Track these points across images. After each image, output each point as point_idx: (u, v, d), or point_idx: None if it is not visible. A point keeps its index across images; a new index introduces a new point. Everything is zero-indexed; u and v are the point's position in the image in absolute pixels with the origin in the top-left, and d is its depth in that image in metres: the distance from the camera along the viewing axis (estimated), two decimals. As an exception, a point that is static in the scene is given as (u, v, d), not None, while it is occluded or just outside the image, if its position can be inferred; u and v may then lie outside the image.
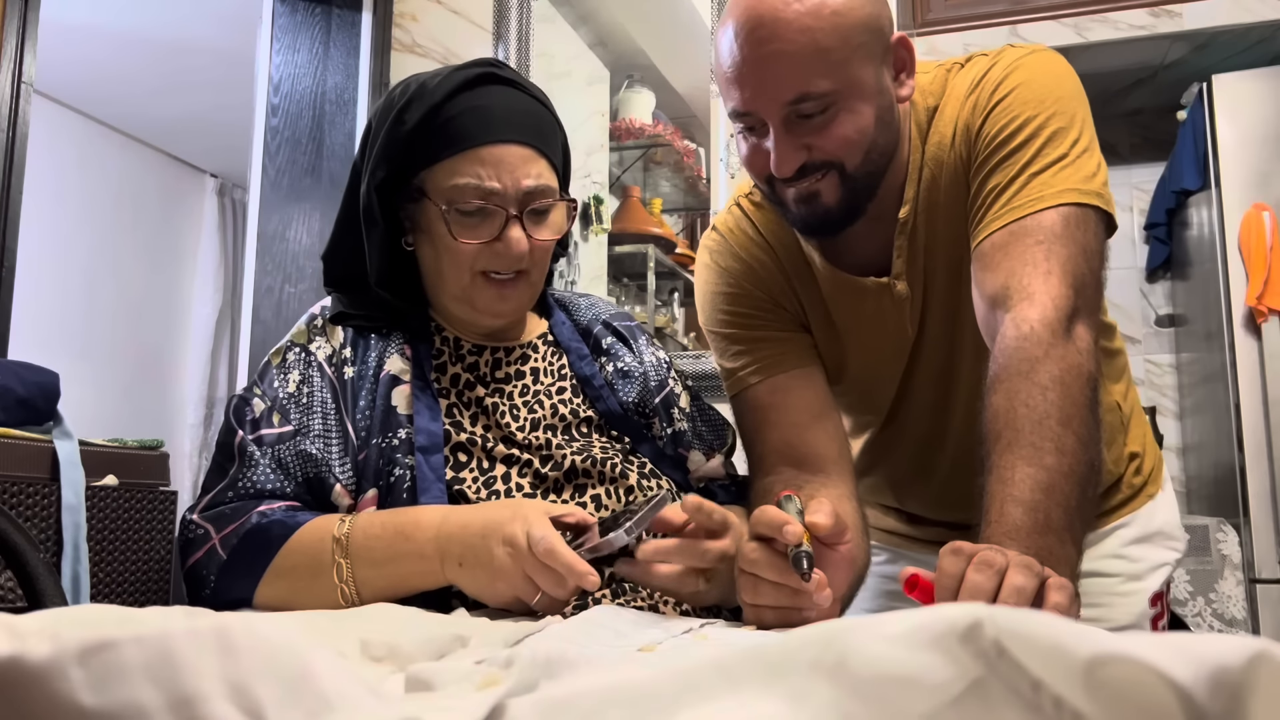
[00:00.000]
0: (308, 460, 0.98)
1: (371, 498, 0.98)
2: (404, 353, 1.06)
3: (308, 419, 1.00)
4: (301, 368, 1.04)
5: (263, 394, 1.03)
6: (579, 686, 0.38)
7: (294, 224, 2.72)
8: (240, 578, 0.92)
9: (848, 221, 1.02)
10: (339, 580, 0.89)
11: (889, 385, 1.15)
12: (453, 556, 0.87)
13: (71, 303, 4.48)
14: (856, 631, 0.35)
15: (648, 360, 1.17)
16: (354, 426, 1.01)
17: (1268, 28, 2.68)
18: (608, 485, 1.02)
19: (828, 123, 0.95)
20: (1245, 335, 2.65)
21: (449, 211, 1.01)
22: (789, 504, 0.83)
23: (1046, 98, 0.99)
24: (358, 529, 0.91)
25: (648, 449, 1.11)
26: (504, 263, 1.03)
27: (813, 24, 0.92)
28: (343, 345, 1.06)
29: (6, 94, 1.96)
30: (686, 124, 4.05)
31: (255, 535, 0.92)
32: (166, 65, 4.13)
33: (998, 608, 0.33)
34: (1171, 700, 0.29)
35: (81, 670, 0.30)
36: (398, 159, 1.03)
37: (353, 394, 1.03)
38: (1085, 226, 0.94)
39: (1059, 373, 0.85)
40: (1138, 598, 1.16)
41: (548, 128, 1.07)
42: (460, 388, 1.07)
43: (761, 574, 0.80)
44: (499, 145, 1.01)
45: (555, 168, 1.06)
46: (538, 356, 1.13)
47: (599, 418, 1.10)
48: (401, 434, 1.00)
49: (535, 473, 1.02)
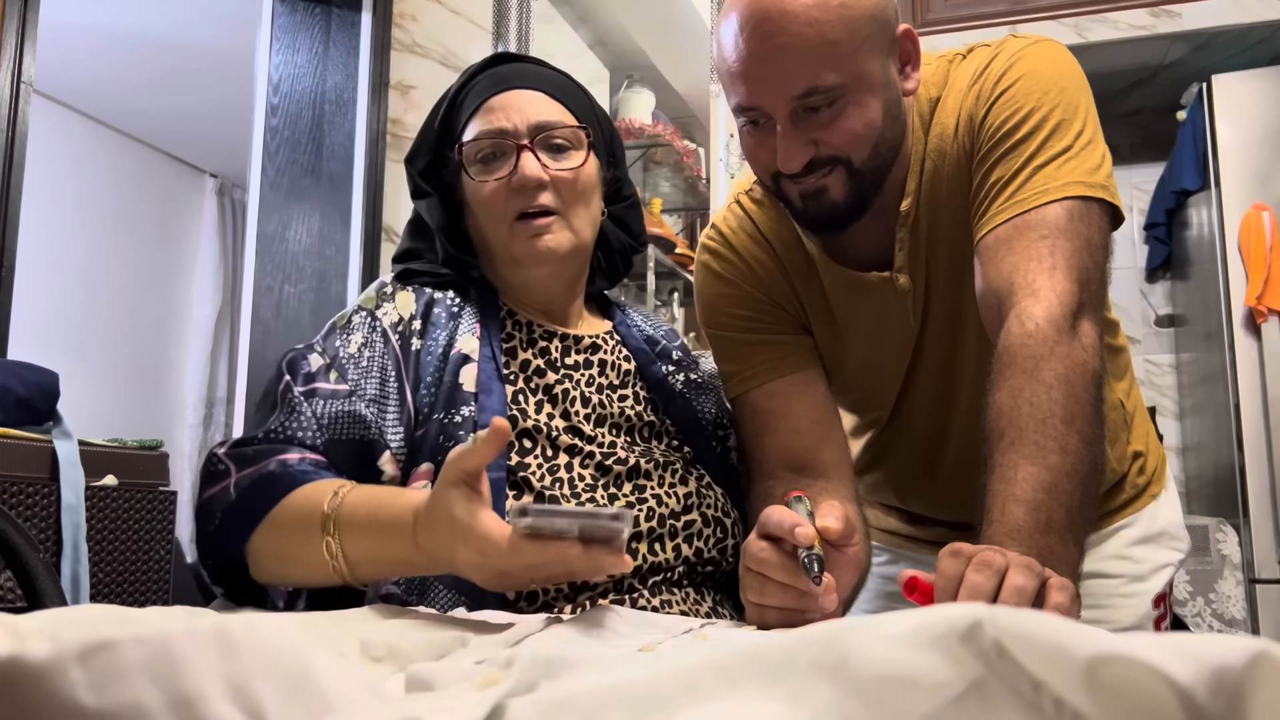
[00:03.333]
0: (356, 421, 0.95)
1: (426, 471, 0.96)
2: (475, 332, 1.04)
3: (365, 381, 0.98)
4: (365, 331, 1.02)
5: (322, 350, 1.01)
6: (579, 686, 0.38)
7: (294, 224, 2.72)
8: (242, 522, 0.89)
9: (855, 217, 1.01)
10: (329, 556, 0.85)
11: (893, 382, 1.14)
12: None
13: (71, 303, 4.47)
14: (857, 632, 0.35)
15: (708, 372, 1.19)
16: (414, 400, 0.99)
17: (1268, 28, 2.68)
18: (667, 488, 1.01)
19: (835, 117, 0.94)
20: (1245, 335, 2.65)
21: (466, 161, 1.04)
22: (798, 505, 0.83)
23: (1051, 89, 0.98)
24: (345, 507, 0.86)
25: (712, 462, 1.09)
26: (525, 196, 1.02)
27: (820, 16, 0.91)
28: (413, 316, 1.04)
29: (6, 94, 1.96)
30: (686, 124, 4.05)
31: (264, 482, 0.90)
32: (166, 65, 4.13)
33: (998, 608, 0.33)
34: (1172, 700, 0.29)
35: (82, 670, 0.30)
36: (436, 148, 1.09)
37: (417, 366, 1.01)
38: (1090, 220, 0.93)
39: (1063, 370, 0.85)
40: (1141, 599, 1.16)
41: (567, 84, 1.09)
42: (529, 374, 1.05)
43: (770, 574, 0.79)
44: (508, 92, 1.04)
45: (576, 114, 1.07)
46: (606, 350, 1.12)
47: (662, 423, 1.09)
48: (465, 411, 0.98)
49: (598, 464, 1.00)
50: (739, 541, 1.02)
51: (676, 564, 0.97)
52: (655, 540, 0.97)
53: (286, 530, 0.88)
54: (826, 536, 0.80)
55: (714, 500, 1.04)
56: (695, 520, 1.00)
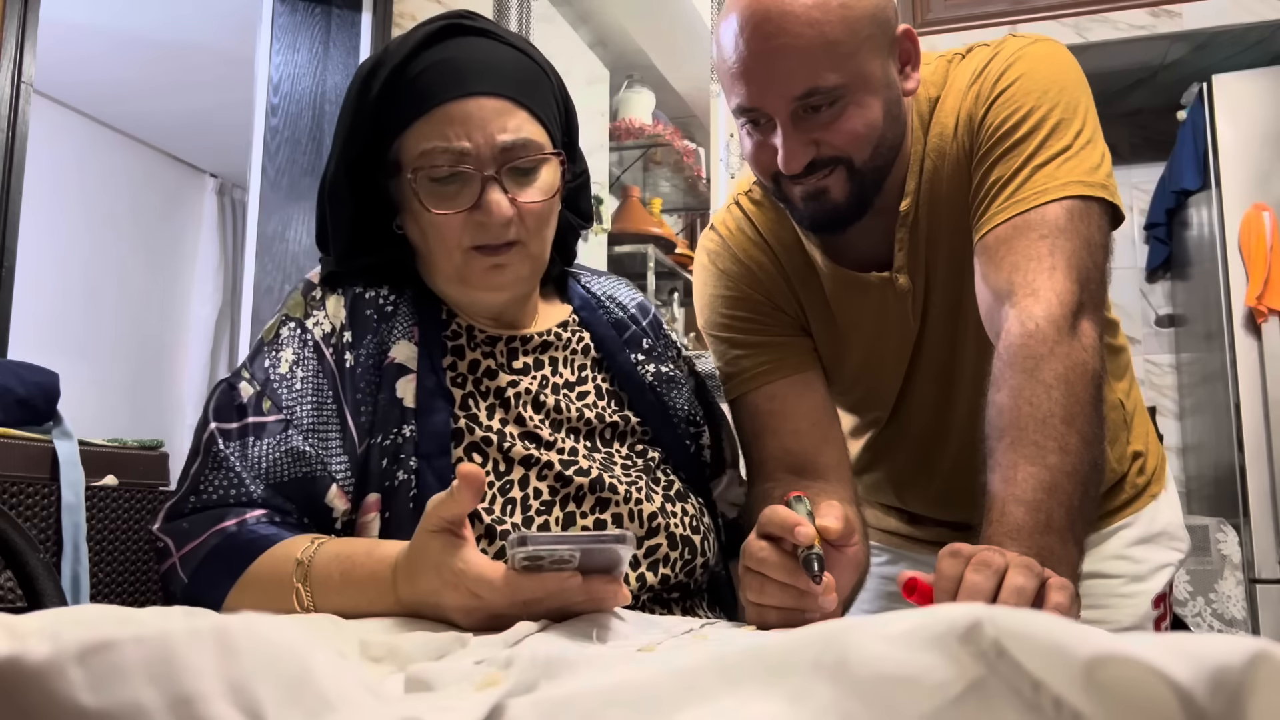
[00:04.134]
0: (296, 459, 0.88)
1: (374, 502, 0.89)
2: (413, 337, 0.95)
3: (299, 407, 0.90)
4: (296, 346, 0.93)
5: (251, 376, 0.92)
6: (579, 687, 0.38)
7: (294, 224, 2.72)
8: (205, 602, 0.83)
9: (855, 217, 1.01)
10: (301, 609, 0.81)
11: (892, 382, 1.14)
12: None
13: (71, 302, 4.48)
14: (856, 631, 0.35)
15: (705, 372, 1.13)
16: (355, 421, 0.90)
17: (1268, 28, 2.68)
18: (632, 505, 0.93)
19: (836, 117, 0.94)
20: (1245, 335, 2.65)
21: (417, 179, 0.91)
22: (799, 505, 0.82)
23: (1050, 88, 0.98)
24: (316, 568, 0.81)
25: (683, 460, 1.03)
26: (490, 233, 0.91)
27: (820, 17, 0.91)
28: (344, 326, 0.94)
29: (6, 94, 1.96)
30: (686, 124, 4.05)
31: (214, 557, 0.84)
32: (166, 65, 4.13)
33: (998, 608, 0.33)
34: (1171, 700, 0.29)
35: (81, 670, 0.30)
36: (367, 130, 0.94)
37: (352, 383, 0.92)
38: (1090, 219, 0.93)
39: (1064, 370, 0.85)
40: (1141, 599, 1.16)
41: (528, 76, 0.95)
42: (479, 374, 0.97)
43: (770, 574, 0.79)
44: (467, 99, 0.90)
45: (542, 120, 0.95)
46: (559, 345, 1.03)
47: (625, 422, 1.01)
48: (406, 431, 0.90)
49: (557, 475, 0.92)
50: (709, 559, 0.99)
51: (642, 594, 0.92)
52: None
53: (254, 594, 0.83)
54: (826, 536, 0.79)
55: (680, 516, 0.96)
56: (661, 545, 0.93)
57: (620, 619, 0.74)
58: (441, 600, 0.72)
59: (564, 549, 0.67)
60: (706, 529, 1.00)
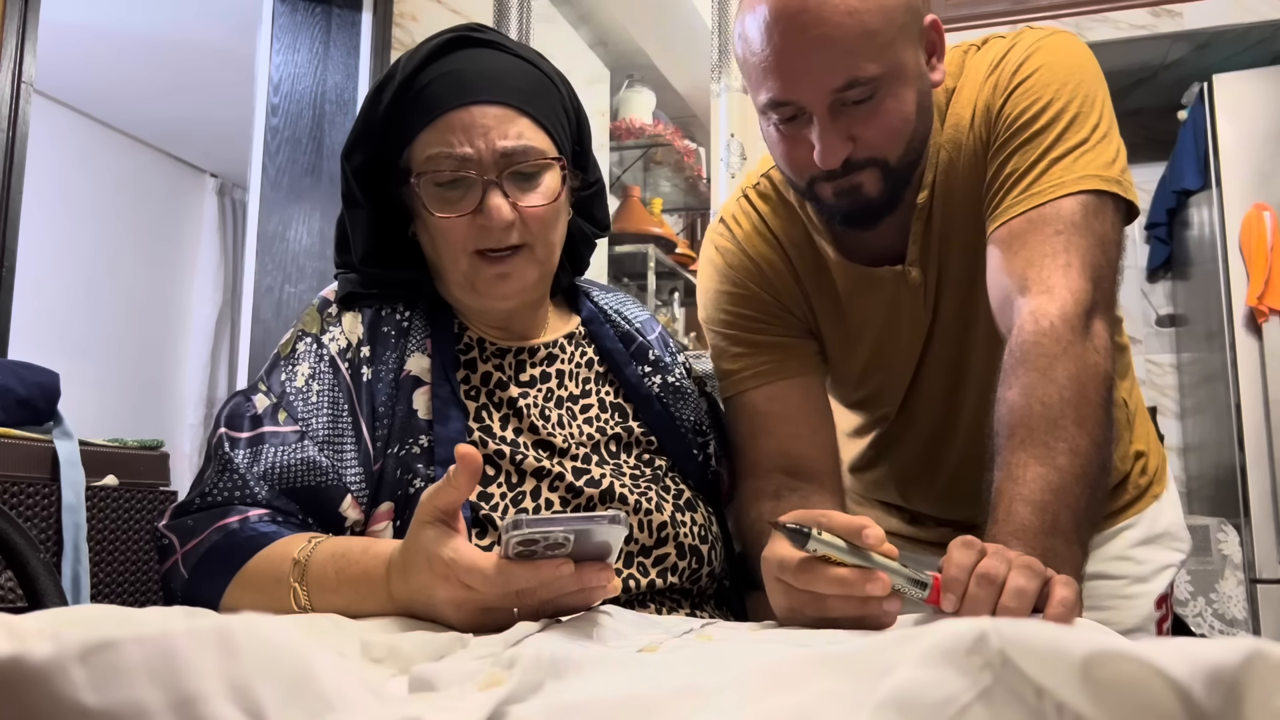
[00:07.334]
0: (311, 469, 0.90)
1: (386, 511, 0.91)
2: (426, 349, 0.98)
3: (315, 420, 0.92)
4: (312, 360, 0.95)
5: (268, 389, 0.94)
6: (585, 695, 0.38)
7: (294, 224, 2.72)
8: (202, 599, 0.85)
9: (888, 211, 0.99)
10: (298, 609, 0.82)
11: (902, 377, 1.13)
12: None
13: (72, 303, 4.48)
14: (870, 652, 0.36)
15: (702, 373, 1.13)
16: (370, 434, 0.93)
17: (1268, 27, 2.68)
18: (642, 515, 0.94)
19: (873, 111, 0.92)
20: (1246, 335, 2.66)
21: (422, 184, 0.94)
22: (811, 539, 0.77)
23: (1069, 80, 0.97)
24: (312, 568, 0.82)
25: (693, 470, 1.04)
26: (492, 236, 0.93)
27: (860, 5, 0.89)
28: (361, 342, 0.97)
29: (6, 94, 1.96)
30: (686, 124, 4.05)
31: (214, 553, 0.85)
32: (167, 65, 4.13)
33: (1002, 620, 0.34)
34: (1170, 697, 0.29)
35: (83, 670, 0.30)
36: (378, 140, 0.98)
37: (370, 398, 0.94)
38: (1104, 215, 0.93)
39: (1076, 371, 0.84)
40: (1144, 600, 1.15)
41: (533, 85, 0.97)
42: (492, 386, 0.99)
43: (822, 590, 0.71)
44: (470, 107, 0.93)
45: (546, 128, 0.96)
46: (564, 357, 1.05)
47: (629, 434, 1.02)
48: (423, 441, 0.92)
49: (569, 486, 0.94)
50: (715, 568, 0.99)
51: (648, 600, 0.93)
52: (627, 578, 0.93)
53: (252, 591, 0.84)
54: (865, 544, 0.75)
55: (690, 525, 0.97)
56: (669, 554, 0.95)
57: (620, 619, 0.73)
58: (433, 593, 0.72)
59: (558, 530, 0.67)
60: (715, 538, 1.01)
